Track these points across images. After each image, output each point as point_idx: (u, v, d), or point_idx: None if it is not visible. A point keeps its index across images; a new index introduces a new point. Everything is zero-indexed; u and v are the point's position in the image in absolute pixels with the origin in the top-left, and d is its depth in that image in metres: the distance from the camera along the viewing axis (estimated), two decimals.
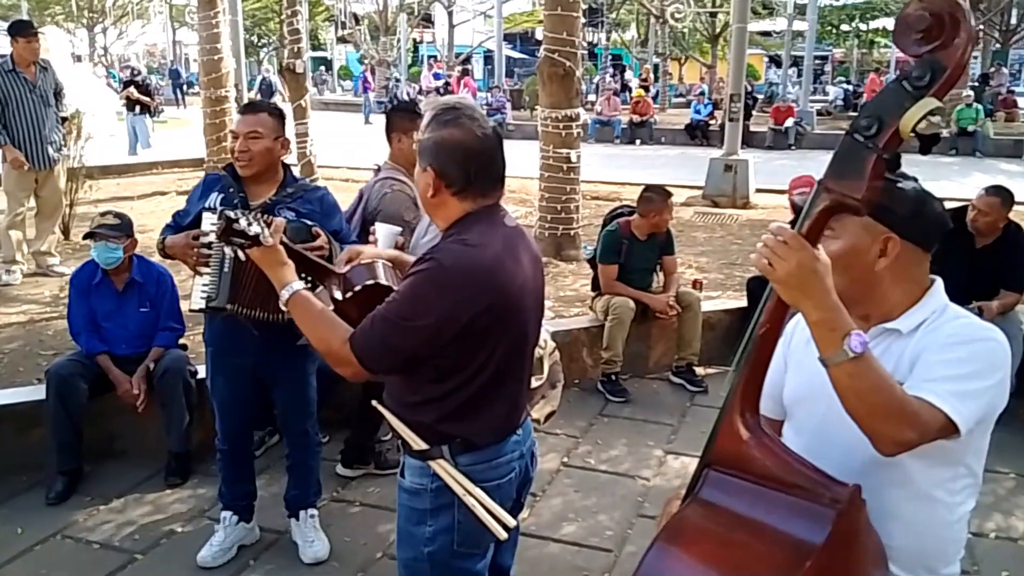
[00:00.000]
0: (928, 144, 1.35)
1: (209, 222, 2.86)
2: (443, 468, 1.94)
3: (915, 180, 1.60)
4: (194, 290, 2.89)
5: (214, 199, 2.95)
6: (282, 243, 2.07)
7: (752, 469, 1.45)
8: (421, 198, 1.98)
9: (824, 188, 1.38)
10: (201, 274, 2.87)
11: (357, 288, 2.07)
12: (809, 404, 1.67)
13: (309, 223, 2.85)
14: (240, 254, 2.05)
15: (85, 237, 3.86)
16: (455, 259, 1.82)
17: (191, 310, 2.97)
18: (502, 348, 1.90)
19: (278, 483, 3.45)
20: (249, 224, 1.98)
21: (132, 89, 14.17)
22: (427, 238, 2.59)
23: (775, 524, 1.40)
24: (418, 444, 1.95)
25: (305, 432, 3.26)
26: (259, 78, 24.66)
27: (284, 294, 1.96)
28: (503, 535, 1.94)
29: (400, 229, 2.54)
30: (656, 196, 5.02)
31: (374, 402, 2.09)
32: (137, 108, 14.06)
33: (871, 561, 1.48)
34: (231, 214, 1.99)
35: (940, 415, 1.41)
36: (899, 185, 1.56)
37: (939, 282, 1.64)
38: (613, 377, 4.93)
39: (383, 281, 2.10)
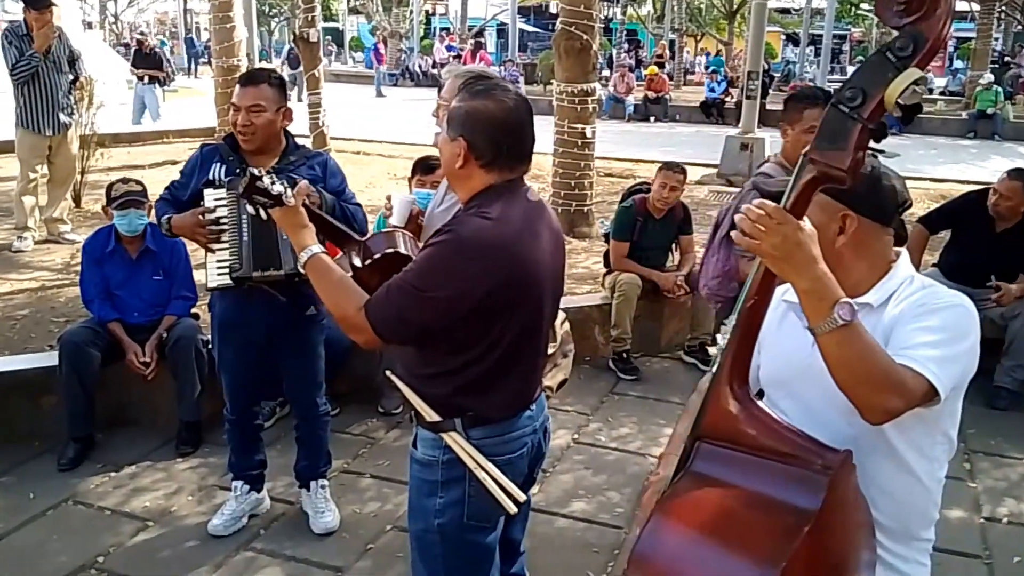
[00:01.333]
0: (911, 114, 1.35)
1: (213, 197, 2.82)
2: (455, 441, 1.93)
3: (873, 156, 1.59)
4: (209, 268, 2.85)
5: (216, 170, 2.90)
6: (305, 207, 2.05)
7: (743, 440, 1.47)
8: (446, 167, 1.96)
9: (809, 159, 1.39)
10: (214, 251, 2.84)
11: (376, 256, 2.07)
12: (787, 383, 1.69)
13: (297, 177, 2.76)
14: (263, 212, 2.04)
15: (113, 205, 3.82)
16: (474, 232, 1.81)
17: (209, 288, 2.92)
18: (517, 323, 1.89)
19: (289, 454, 3.45)
20: (272, 183, 1.96)
21: (130, 66, 14.04)
22: (443, 207, 2.55)
23: (770, 493, 1.41)
24: (430, 416, 1.95)
25: (314, 404, 3.25)
26: (286, 47, 24.40)
27: (303, 256, 1.96)
28: (513, 509, 1.94)
29: (414, 197, 2.51)
30: (664, 167, 4.98)
31: (388, 372, 2.08)
32: (146, 78, 13.99)
33: (860, 525, 1.50)
34: (254, 171, 1.98)
35: (923, 381, 1.43)
36: None
37: (904, 254, 1.67)
38: (624, 355, 4.90)
39: (402, 250, 2.09)
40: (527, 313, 1.91)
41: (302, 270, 1.97)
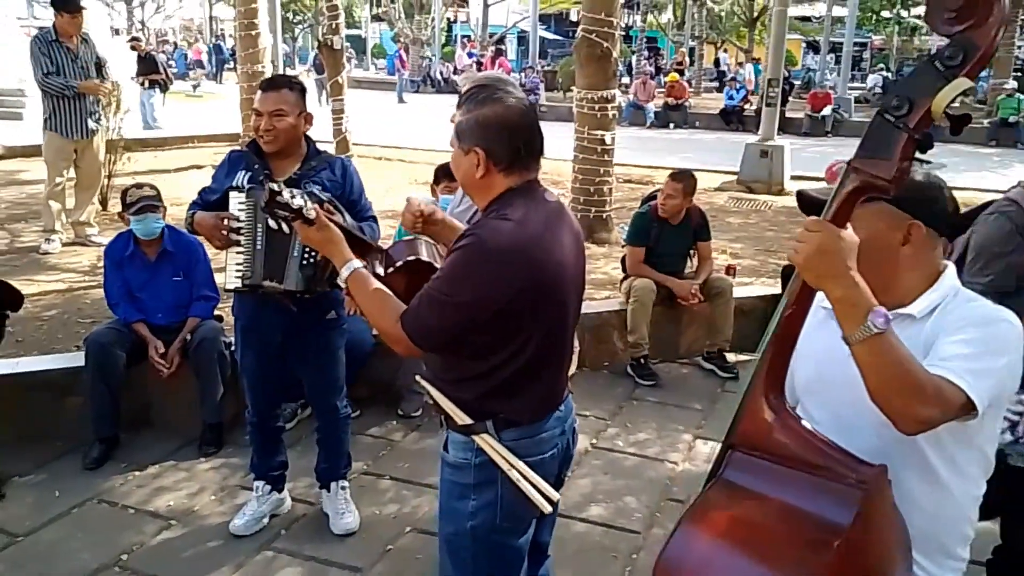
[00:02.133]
0: (959, 125, 1.33)
1: (237, 201, 2.86)
2: (487, 443, 1.94)
3: (927, 164, 1.58)
4: (228, 268, 2.90)
5: (241, 177, 2.94)
6: (331, 220, 2.06)
7: (777, 450, 1.45)
8: (464, 180, 1.96)
9: (852, 169, 1.37)
10: (236, 252, 2.89)
11: (398, 264, 2.08)
12: (821, 392, 1.67)
13: (322, 198, 2.78)
14: (285, 227, 2.07)
15: (131, 211, 3.88)
16: (496, 235, 1.81)
17: (226, 289, 2.98)
18: (544, 325, 1.90)
19: (310, 455, 3.49)
20: (292, 196, 1.99)
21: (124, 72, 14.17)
22: (460, 208, 2.59)
23: (802, 505, 1.39)
24: (462, 419, 1.96)
25: (334, 407, 3.28)
26: (311, 54, 24.50)
27: (344, 272, 1.97)
28: (548, 509, 1.95)
29: (433, 199, 2.54)
30: (669, 178, 4.99)
31: (417, 376, 2.09)
32: (146, 83, 14.17)
33: (896, 542, 1.47)
34: (274, 185, 2.01)
35: (959, 392, 1.40)
36: (914, 171, 1.55)
37: (951, 266, 1.64)
38: (642, 360, 4.91)
39: (424, 257, 2.10)
40: (553, 315, 1.92)
41: (343, 284, 1.99)
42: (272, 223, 2.71)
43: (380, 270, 2.11)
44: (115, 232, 5.25)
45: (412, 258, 2.10)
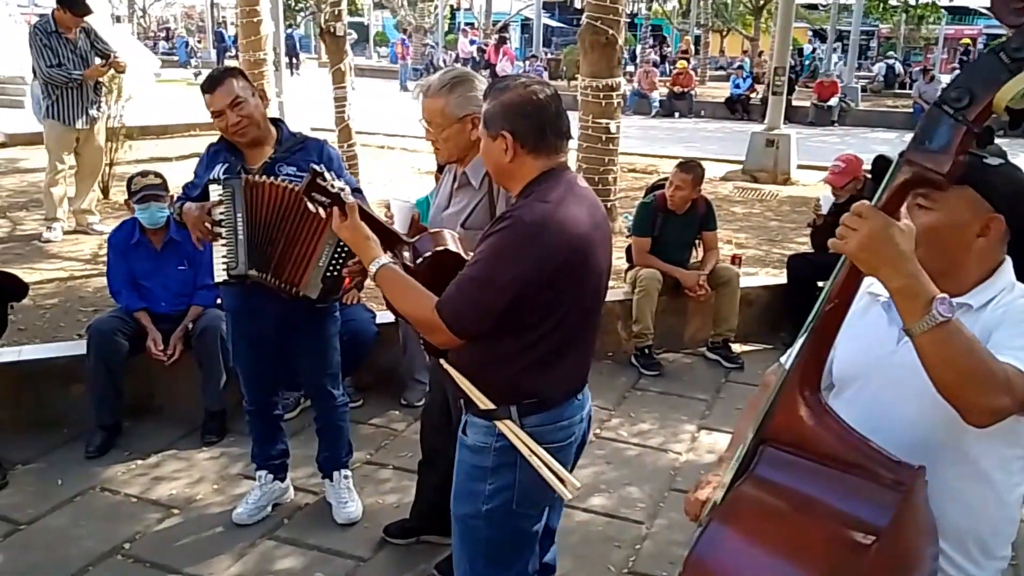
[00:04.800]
0: (1019, 119, 1.28)
1: (216, 193, 2.86)
2: (509, 428, 1.96)
3: (1003, 154, 1.53)
4: (216, 263, 2.90)
5: (218, 170, 2.92)
6: (360, 212, 2.04)
7: (812, 447, 1.40)
8: (495, 167, 1.99)
9: (906, 160, 1.32)
10: (220, 245, 2.87)
11: (427, 255, 2.06)
12: (862, 379, 1.62)
13: (298, 177, 2.79)
14: (322, 211, 2.04)
15: (134, 200, 3.87)
16: (536, 216, 1.84)
17: (216, 283, 2.98)
18: (578, 303, 1.94)
19: (312, 445, 3.48)
20: (334, 178, 1.98)
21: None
22: (452, 210, 2.54)
23: (836, 505, 1.35)
24: (485, 404, 1.97)
25: (331, 395, 3.26)
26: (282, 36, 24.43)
27: (372, 268, 1.98)
28: (568, 495, 1.96)
29: (413, 203, 2.50)
30: (677, 169, 4.95)
31: (441, 361, 2.08)
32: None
33: (926, 537, 1.44)
34: (316, 167, 1.99)
35: None
36: (992, 162, 1.50)
37: (1008, 260, 1.59)
38: (646, 350, 4.89)
39: (452, 248, 2.08)
40: (587, 293, 1.97)
41: (373, 281, 1.98)
42: (240, 216, 2.73)
43: (408, 261, 2.08)
44: (116, 220, 5.24)
45: (440, 248, 2.08)
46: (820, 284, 3.08)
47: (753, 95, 18.90)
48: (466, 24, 35.51)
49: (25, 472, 3.58)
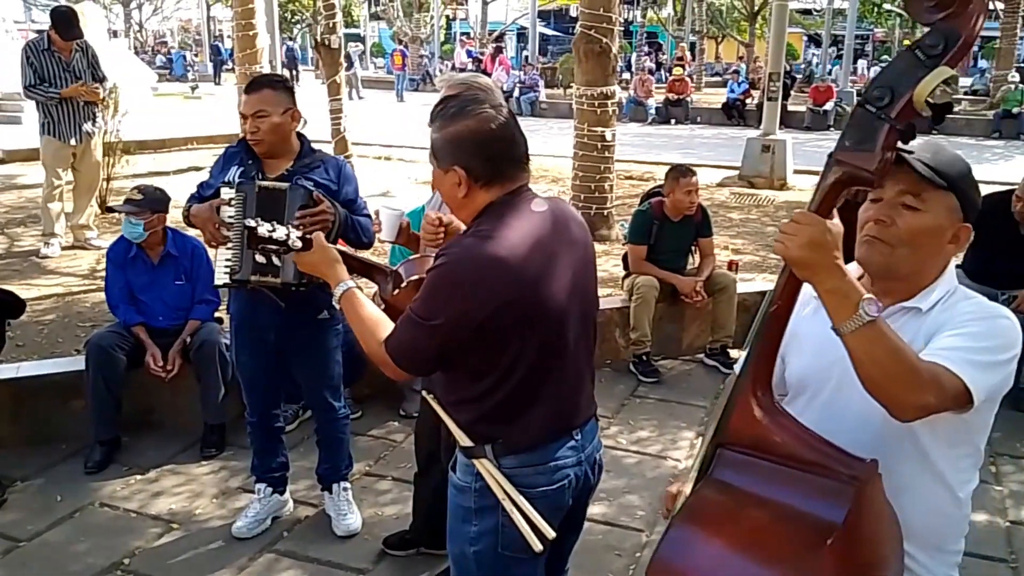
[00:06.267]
0: (942, 114, 1.31)
1: (228, 196, 2.87)
2: (486, 468, 1.86)
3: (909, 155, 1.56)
4: (217, 265, 2.92)
5: (233, 172, 2.95)
6: (341, 252, 2.02)
7: (767, 448, 1.43)
8: (449, 199, 1.88)
9: (835, 160, 1.36)
10: (225, 248, 2.89)
11: (403, 285, 2.04)
12: (818, 382, 1.65)
13: (310, 188, 2.84)
14: (276, 260, 2.03)
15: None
16: (466, 254, 1.74)
17: (215, 285, 3.01)
18: (534, 344, 1.79)
19: (311, 457, 3.48)
20: (272, 230, 1.96)
21: None
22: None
23: (793, 503, 1.38)
24: (463, 440, 1.89)
25: (332, 407, 3.26)
26: (283, 47, 24.47)
27: (337, 291, 1.94)
28: (538, 547, 1.82)
29: (402, 211, 2.50)
30: (672, 173, 4.96)
31: (425, 393, 2.05)
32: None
33: (888, 536, 1.46)
34: (250, 223, 1.96)
35: (957, 381, 1.39)
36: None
37: (952, 262, 1.64)
38: (644, 357, 4.90)
39: None
40: (545, 332, 1.81)
41: (336, 305, 1.95)
42: (260, 258, 2.72)
43: (389, 289, 2.07)
44: (114, 235, 5.25)
45: (416, 277, 2.05)
46: None
47: (749, 100, 18.96)
48: (462, 34, 35.65)
49: (24, 488, 3.58)
